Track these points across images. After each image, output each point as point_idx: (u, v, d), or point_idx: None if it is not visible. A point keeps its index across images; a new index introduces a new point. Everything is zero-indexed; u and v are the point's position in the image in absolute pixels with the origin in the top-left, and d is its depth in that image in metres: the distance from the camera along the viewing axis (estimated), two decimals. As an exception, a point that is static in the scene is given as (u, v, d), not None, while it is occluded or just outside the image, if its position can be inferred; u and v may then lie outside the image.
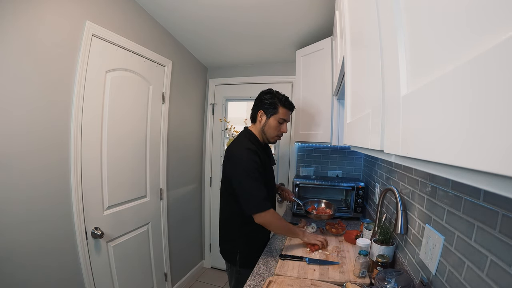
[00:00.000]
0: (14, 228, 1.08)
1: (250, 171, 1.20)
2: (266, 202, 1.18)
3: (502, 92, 0.13)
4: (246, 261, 1.31)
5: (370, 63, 0.47)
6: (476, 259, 0.57)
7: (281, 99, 1.35)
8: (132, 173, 1.72)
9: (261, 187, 1.20)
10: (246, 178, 1.19)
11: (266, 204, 1.18)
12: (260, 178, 1.22)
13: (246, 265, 1.30)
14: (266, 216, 1.19)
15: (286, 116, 1.36)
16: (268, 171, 1.35)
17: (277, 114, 1.34)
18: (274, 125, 1.34)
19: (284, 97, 1.37)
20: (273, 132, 1.36)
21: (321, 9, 1.64)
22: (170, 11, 1.75)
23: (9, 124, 1.06)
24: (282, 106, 1.34)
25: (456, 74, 0.18)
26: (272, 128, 1.35)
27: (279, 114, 1.34)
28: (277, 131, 1.36)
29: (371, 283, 1.01)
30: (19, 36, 1.06)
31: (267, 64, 2.48)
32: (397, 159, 0.33)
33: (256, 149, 1.28)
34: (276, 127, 1.35)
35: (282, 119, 1.34)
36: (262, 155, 1.31)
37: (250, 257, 1.31)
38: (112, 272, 1.56)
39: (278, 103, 1.34)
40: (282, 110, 1.34)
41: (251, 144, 1.30)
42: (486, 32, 0.15)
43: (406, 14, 0.30)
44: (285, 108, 1.35)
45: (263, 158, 1.31)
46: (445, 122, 0.19)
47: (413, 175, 1.01)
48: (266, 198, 1.20)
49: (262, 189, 1.20)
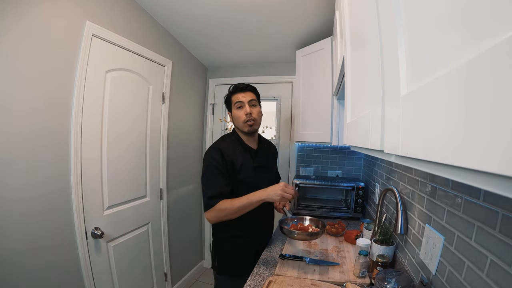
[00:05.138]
0: (14, 228, 1.08)
1: (206, 169, 1.18)
2: (211, 201, 1.13)
3: (502, 92, 0.13)
4: (225, 268, 1.25)
5: (370, 63, 0.47)
6: (476, 259, 0.57)
7: (229, 89, 1.31)
8: (132, 173, 1.72)
9: (213, 185, 1.15)
10: (203, 177, 1.20)
11: (211, 203, 1.13)
12: (216, 177, 1.16)
13: (224, 273, 1.25)
14: (211, 213, 1.13)
15: (239, 98, 1.27)
16: (247, 171, 1.24)
17: (232, 104, 1.29)
18: (236, 113, 1.28)
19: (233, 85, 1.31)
20: (239, 120, 1.27)
21: (321, 9, 1.64)
22: (170, 11, 1.75)
23: (9, 123, 1.06)
24: (232, 94, 1.30)
25: (456, 74, 0.18)
26: (236, 118, 1.28)
27: (233, 103, 1.29)
28: (242, 118, 1.26)
29: (371, 283, 1.01)
30: (19, 36, 1.06)
31: (267, 64, 2.48)
32: (397, 159, 0.33)
33: (224, 148, 1.22)
34: (239, 116, 1.26)
35: (237, 102, 1.26)
36: (239, 154, 1.24)
37: (230, 265, 1.24)
38: (112, 272, 1.56)
39: (229, 95, 1.31)
40: (233, 97, 1.29)
41: (222, 142, 1.27)
42: (486, 32, 0.15)
43: (406, 14, 0.30)
44: (235, 93, 1.29)
45: (239, 157, 1.23)
46: (445, 122, 0.19)
47: (413, 175, 1.01)
48: (215, 197, 1.13)
49: (212, 187, 1.15)
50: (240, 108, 1.26)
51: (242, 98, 1.26)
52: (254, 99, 1.29)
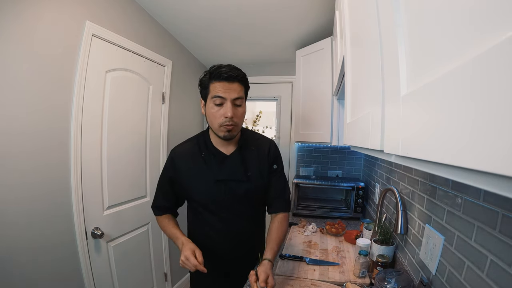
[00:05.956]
0: (14, 228, 1.08)
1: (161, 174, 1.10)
2: (154, 210, 1.10)
3: (503, 92, 0.13)
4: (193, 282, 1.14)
5: (370, 63, 0.47)
6: (476, 259, 0.57)
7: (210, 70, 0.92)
8: (132, 173, 1.72)
9: (156, 195, 1.09)
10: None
11: (154, 211, 1.10)
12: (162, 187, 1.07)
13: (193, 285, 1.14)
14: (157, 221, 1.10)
15: (222, 91, 0.88)
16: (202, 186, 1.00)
17: (209, 94, 0.91)
18: (211, 110, 0.91)
19: (216, 66, 0.91)
20: (214, 121, 0.92)
21: (321, 9, 1.64)
22: (169, 12, 1.75)
23: (9, 124, 1.05)
24: (213, 80, 0.90)
25: (456, 74, 0.18)
26: (210, 116, 0.93)
27: (211, 92, 0.90)
28: (218, 120, 0.91)
29: (371, 283, 1.01)
30: (19, 35, 1.06)
31: (267, 64, 2.48)
32: (397, 159, 0.33)
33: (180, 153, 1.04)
34: (215, 115, 0.91)
35: (217, 97, 0.89)
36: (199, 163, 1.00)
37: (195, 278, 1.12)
38: (112, 272, 1.56)
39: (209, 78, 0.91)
40: (212, 85, 0.90)
41: (183, 144, 1.08)
42: (487, 31, 0.15)
43: (406, 13, 0.30)
44: (217, 81, 0.89)
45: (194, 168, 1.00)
46: (445, 122, 0.19)
47: (413, 175, 1.01)
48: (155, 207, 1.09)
49: (156, 197, 1.09)
50: (218, 106, 0.90)
51: (225, 92, 0.89)
52: (241, 96, 0.92)
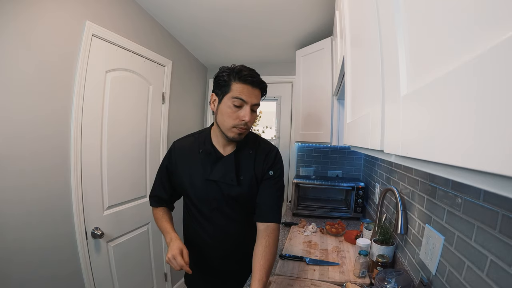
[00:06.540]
0: (15, 228, 1.08)
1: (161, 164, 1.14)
2: (150, 199, 1.13)
3: (503, 91, 0.13)
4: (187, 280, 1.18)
5: (370, 63, 0.47)
6: (476, 259, 0.57)
7: (234, 69, 0.91)
8: (132, 173, 1.72)
9: (154, 186, 1.13)
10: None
11: (150, 201, 1.14)
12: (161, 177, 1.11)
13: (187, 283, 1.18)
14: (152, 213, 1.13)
15: (244, 94, 0.89)
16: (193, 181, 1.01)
17: (229, 93, 0.90)
18: (227, 109, 0.91)
19: (240, 67, 0.92)
20: (227, 120, 0.91)
21: (321, 9, 1.64)
22: (169, 12, 1.75)
23: (9, 125, 1.05)
24: (237, 81, 0.90)
25: (457, 74, 0.18)
26: (225, 115, 0.91)
27: (232, 92, 0.90)
28: (232, 119, 0.91)
29: (371, 283, 1.01)
30: (18, 36, 1.06)
31: (267, 64, 2.48)
32: (397, 159, 0.33)
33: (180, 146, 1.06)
34: (231, 116, 0.91)
35: (238, 98, 0.89)
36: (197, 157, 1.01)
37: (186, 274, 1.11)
38: (112, 272, 1.56)
39: (232, 77, 0.91)
40: (235, 86, 0.90)
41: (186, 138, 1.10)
42: (488, 31, 0.15)
43: (406, 13, 0.30)
44: (240, 82, 0.90)
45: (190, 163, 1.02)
46: (445, 122, 0.19)
47: (413, 175, 1.01)
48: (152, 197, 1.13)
49: (153, 188, 1.13)
50: (237, 108, 0.90)
51: (248, 96, 0.90)
52: (259, 103, 0.96)
